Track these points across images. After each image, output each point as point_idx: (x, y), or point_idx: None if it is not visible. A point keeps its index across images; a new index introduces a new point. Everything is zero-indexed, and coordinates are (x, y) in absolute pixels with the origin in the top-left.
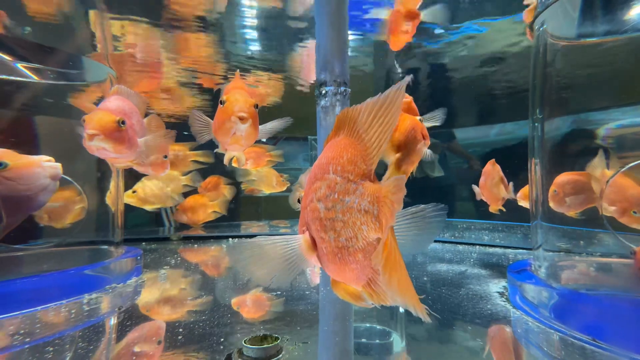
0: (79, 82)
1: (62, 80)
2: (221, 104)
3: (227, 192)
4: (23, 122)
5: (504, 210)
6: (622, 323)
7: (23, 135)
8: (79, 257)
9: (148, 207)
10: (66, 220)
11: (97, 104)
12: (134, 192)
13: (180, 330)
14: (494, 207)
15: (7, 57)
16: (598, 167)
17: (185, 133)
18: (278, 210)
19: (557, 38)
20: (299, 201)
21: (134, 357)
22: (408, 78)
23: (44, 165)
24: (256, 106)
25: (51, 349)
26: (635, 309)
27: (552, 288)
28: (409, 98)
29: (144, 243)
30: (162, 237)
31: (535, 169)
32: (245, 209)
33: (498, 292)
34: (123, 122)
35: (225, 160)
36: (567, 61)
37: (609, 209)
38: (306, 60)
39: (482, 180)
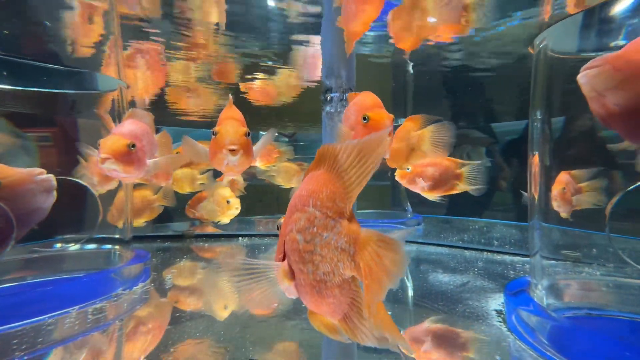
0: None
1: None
2: (214, 134)
3: (240, 187)
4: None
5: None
6: (626, 353)
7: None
8: (85, 259)
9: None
10: (144, 217)
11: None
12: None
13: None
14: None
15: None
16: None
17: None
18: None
19: (556, 52)
20: (278, 228)
21: None
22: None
23: (37, 180)
24: (248, 134)
25: None
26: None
27: (549, 317)
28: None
29: (158, 240)
30: (175, 234)
31: (535, 163)
32: (259, 205)
33: (496, 311)
34: (133, 146)
35: (225, 182)
36: (566, 71)
37: None
38: (318, 57)
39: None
